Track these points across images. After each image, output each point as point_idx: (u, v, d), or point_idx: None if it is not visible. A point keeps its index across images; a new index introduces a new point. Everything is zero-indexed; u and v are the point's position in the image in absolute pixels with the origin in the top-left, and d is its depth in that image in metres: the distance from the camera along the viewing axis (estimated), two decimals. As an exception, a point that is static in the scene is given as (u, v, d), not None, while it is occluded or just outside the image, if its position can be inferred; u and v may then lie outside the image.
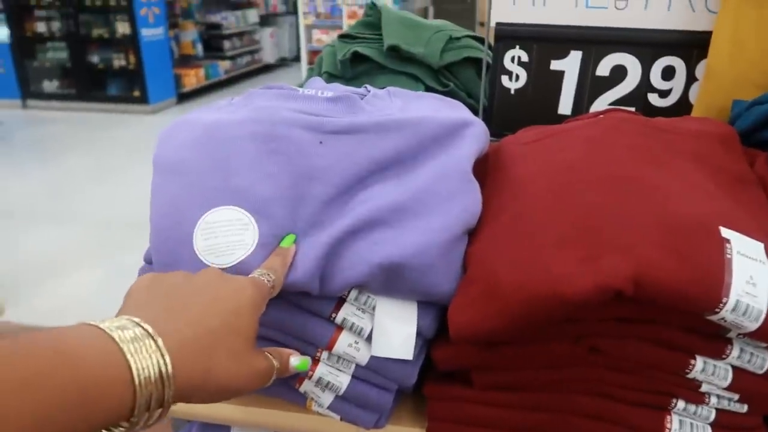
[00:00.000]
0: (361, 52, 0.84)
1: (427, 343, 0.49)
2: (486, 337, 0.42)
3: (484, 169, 0.57)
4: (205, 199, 0.45)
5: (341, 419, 0.50)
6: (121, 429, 0.30)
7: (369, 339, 0.46)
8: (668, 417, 0.45)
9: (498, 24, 0.77)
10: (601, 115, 0.60)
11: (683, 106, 0.74)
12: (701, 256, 0.39)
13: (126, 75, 5.62)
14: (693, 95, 0.73)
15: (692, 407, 0.45)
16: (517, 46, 0.77)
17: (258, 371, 0.37)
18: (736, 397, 0.44)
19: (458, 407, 0.49)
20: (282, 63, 8.08)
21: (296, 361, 0.42)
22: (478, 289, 0.43)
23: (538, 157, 0.54)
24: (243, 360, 0.36)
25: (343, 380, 0.48)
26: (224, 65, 6.62)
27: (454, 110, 0.58)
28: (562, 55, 0.76)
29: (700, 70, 0.72)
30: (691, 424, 0.45)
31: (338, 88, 0.57)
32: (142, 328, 0.31)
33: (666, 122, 0.56)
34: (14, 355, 0.26)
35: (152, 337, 0.30)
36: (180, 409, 0.54)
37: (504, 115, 0.80)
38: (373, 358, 0.46)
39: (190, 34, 6.18)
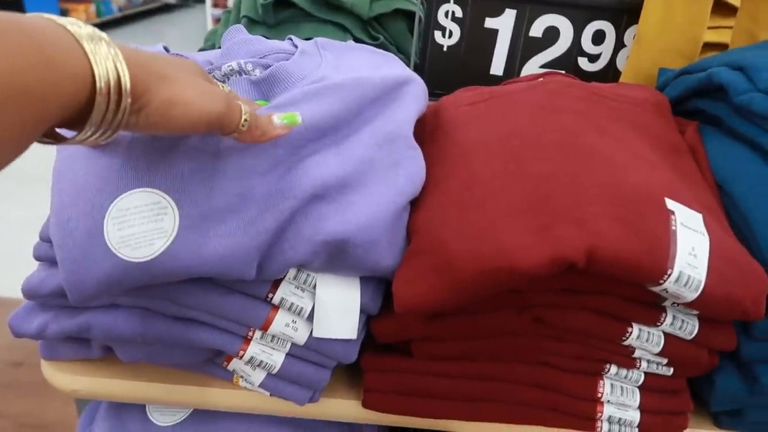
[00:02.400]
0: (285, -4, 0.77)
1: (368, 317, 0.46)
2: (435, 310, 0.40)
3: (422, 131, 0.54)
4: (116, 181, 0.38)
5: (271, 395, 0.47)
6: (78, 135, 0.30)
7: (309, 318, 0.43)
8: (601, 381, 0.46)
9: (433, -25, 0.73)
10: (541, 79, 0.59)
11: (611, 72, 0.75)
12: (650, 228, 0.39)
13: (2, 7, 5.00)
14: (621, 61, 0.74)
15: (624, 371, 0.46)
16: (452, 1, 0.74)
17: (217, 98, 0.34)
18: (665, 361, 0.45)
19: (396, 378, 0.47)
20: (184, 3, 7.52)
21: (279, 117, 0.38)
22: (426, 262, 0.41)
23: (482, 122, 0.52)
24: (202, 87, 0.34)
25: (277, 359, 0.44)
26: (118, 2, 6.05)
27: (390, 66, 0.54)
28: (497, 12, 0.73)
29: (628, 36, 0.73)
30: (622, 387, 0.46)
31: (260, 46, 0.51)
32: (99, 34, 0.30)
33: (606, 88, 0.55)
34: None
35: (108, 43, 0.30)
36: (86, 387, 0.49)
37: (436, 72, 0.77)
38: (312, 337, 0.43)
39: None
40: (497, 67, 0.76)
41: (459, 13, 0.74)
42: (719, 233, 0.42)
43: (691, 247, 0.39)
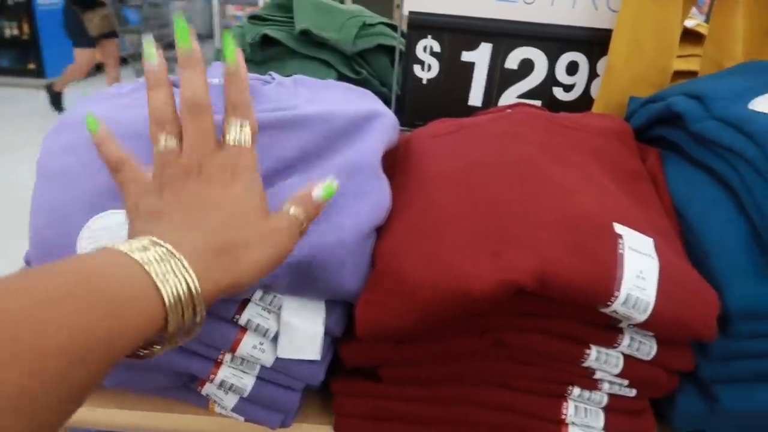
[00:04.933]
0: (270, 35, 0.81)
1: (335, 340, 0.48)
2: (393, 335, 0.42)
3: (393, 161, 0.56)
4: (90, 203, 0.41)
5: (245, 420, 0.49)
6: (157, 347, 0.31)
7: (275, 340, 0.45)
8: (564, 404, 0.47)
9: (411, 13, 0.76)
10: (509, 110, 0.61)
11: (585, 101, 0.77)
12: (596, 251, 0.40)
13: (19, 46, 5.16)
14: (594, 90, 0.77)
15: (586, 393, 0.47)
16: (429, 36, 0.77)
17: (282, 233, 0.36)
18: (626, 382, 0.46)
19: (366, 402, 0.48)
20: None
21: (319, 191, 0.39)
22: (385, 286, 0.43)
23: (448, 151, 0.54)
24: (263, 235, 0.35)
25: (247, 382, 0.46)
26: (131, 39, 6.21)
27: (363, 101, 0.57)
28: (473, 46, 0.76)
29: (601, 66, 0.75)
30: (585, 409, 0.47)
31: None
32: (163, 247, 0.31)
33: (570, 118, 0.57)
34: (34, 275, 0.27)
35: (175, 256, 0.30)
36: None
37: (416, 104, 0.80)
38: (279, 359, 0.45)
39: (91, 4, 5.74)
40: (475, 98, 0.79)
41: (437, 48, 0.77)
42: (671, 256, 0.44)
43: (639, 270, 0.41)
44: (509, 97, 0.78)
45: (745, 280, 0.44)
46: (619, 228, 0.42)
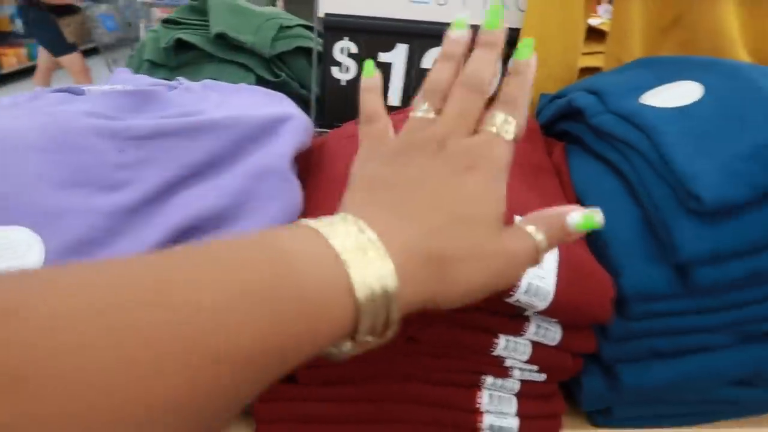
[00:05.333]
0: (185, 39, 0.79)
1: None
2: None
3: (308, 163, 0.56)
4: None
5: None
6: (347, 345, 0.26)
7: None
8: (479, 393, 0.48)
9: (326, 15, 0.76)
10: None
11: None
12: (496, 244, 0.42)
13: None
14: (507, 88, 0.79)
15: (499, 381, 0.48)
16: (346, 38, 0.77)
17: (513, 259, 0.30)
18: (536, 368, 0.48)
19: (286, 406, 0.48)
20: (121, 43, 7.41)
21: (577, 218, 0.31)
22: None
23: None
24: (489, 253, 0.29)
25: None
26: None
27: (274, 104, 0.56)
28: (389, 47, 0.77)
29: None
30: (499, 396, 0.49)
31: (140, 82, 0.53)
32: (366, 236, 0.26)
33: (477, 116, 0.59)
34: (231, 261, 0.23)
35: (375, 246, 0.25)
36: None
37: (336, 106, 0.80)
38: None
39: (6, 8, 5.46)
40: (394, 98, 0.80)
41: (354, 49, 0.78)
42: (570, 245, 0.46)
43: (538, 260, 0.42)
44: (427, 96, 0.80)
45: (639, 264, 0.46)
46: (519, 220, 0.44)
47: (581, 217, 0.31)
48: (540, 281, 0.42)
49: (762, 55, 0.69)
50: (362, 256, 0.25)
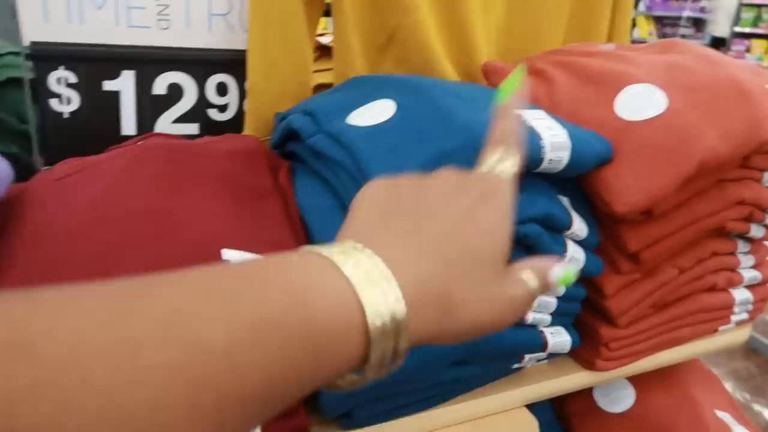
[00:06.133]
0: None
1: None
2: None
3: (7, 214, 0.51)
4: None
5: None
6: (353, 377, 0.27)
7: None
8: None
9: (33, 43, 0.69)
10: (140, 142, 0.60)
11: (242, 119, 0.80)
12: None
13: None
14: (248, 109, 0.80)
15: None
16: (62, 67, 0.71)
17: (512, 303, 0.30)
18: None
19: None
20: None
21: (558, 273, 0.32)
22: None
23: (65, 195, 0.50)
24: (490, 292, 0.29)
25: None
26: None
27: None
28: (114, 75, 0.73)
29: (248, 85, 0.78)
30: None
31: None
32: (379, 268, 0.25)
33: (197, 145, 0.58)
34: (242, 294, 0.22)
35: (387, 278, 0.25)
36: None
37: (61, 141, 0.73)
38: None
39: None
40: (128, 127, 0.76)
41: (73, 79, 0.72)
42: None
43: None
44: (164, 122, 0.77)
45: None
46: (227, 253, 0.45)
47: (563, 271, 0.33)
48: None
49: (463, 67, 0.78)
50: (374, 287, 0.25)
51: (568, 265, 0.34)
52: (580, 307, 0.60)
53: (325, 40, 0.90)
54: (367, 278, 0.25)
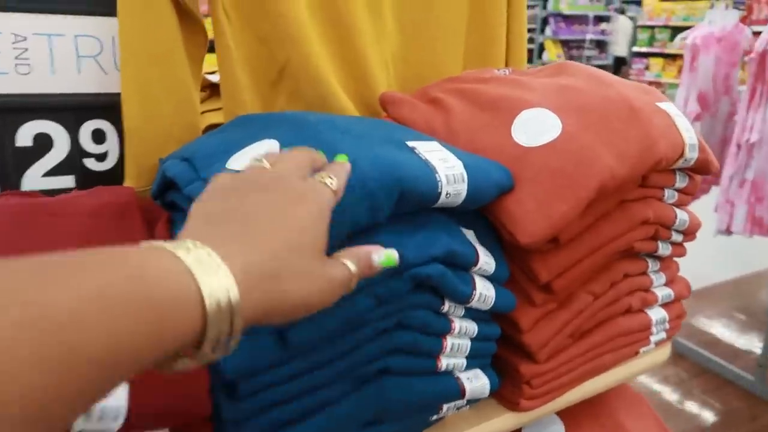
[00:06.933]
0: None
1: None
2: None
3: None
4: None
5: None
6: (185, 360, 0.28)
7: None
8: None
9: None
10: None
11: (124, 167, 0.72)
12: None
13: None
14: (127, 157, 0.73)
15: None
16: None
17: (332, 282, 0.34)
18: None
19: None
20: None
21: (379, 257, 0.37)
22: None
23: None
24: (314, 276, 0.33)
25: None
26: None
27: None
28: (-33, 127, 0.64)
29: (129, 130, 0.71)
30: None
31: None
32: (211, 257, 0.28)
33: (57, 203, 0.51)
34: (86, 265, 0.24)
35: (219, 265, 0.28)
36: None
37: None
38: None
39: None
40: (-12, 185, 0.67)
41: None
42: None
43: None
44: (34, 176, 0.68)
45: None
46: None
47: (384, 255, 0.38)
48: (107, 400, 0.36)
49: (362, 98, 0.75)
50: (209, 274, 0.27)
51: (389, 250, 0.38)
52: (495, 347, 0.56)
53: (215, 78, 0.85)
54: (203, 266, 0.27)
